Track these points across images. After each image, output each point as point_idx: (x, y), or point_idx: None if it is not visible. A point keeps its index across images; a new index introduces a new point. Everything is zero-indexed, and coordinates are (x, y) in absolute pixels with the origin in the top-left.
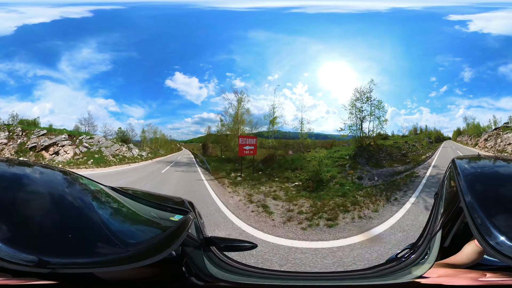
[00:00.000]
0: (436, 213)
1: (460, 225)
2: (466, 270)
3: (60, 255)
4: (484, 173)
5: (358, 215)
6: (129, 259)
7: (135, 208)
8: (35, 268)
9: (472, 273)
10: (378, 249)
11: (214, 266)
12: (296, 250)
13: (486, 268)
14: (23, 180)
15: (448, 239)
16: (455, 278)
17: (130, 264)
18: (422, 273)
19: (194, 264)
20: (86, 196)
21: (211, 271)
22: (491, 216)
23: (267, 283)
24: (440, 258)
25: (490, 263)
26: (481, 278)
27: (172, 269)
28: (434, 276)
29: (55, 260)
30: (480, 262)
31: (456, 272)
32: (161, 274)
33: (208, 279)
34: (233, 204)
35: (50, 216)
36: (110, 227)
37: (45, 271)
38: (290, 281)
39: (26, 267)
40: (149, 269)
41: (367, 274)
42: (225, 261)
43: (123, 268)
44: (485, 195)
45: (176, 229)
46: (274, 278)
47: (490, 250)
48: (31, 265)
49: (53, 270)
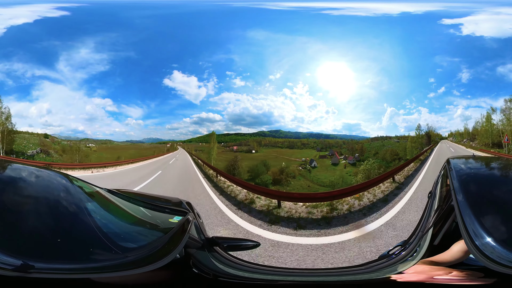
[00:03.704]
0: (429, 211)
1: (451, 224)
2: (437, 267)
3: (46, 260)
4: (477, 174)
5: None
6: (129, 265)
7: (133, 210)
8: (16, 273)
9: (443, 270)
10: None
11: (222, 265)
12: None
13: (469, 268)
14: (12, 181)
15: (439, 237)
16: (425, 274)
17: (130, 271)
18: (402, 270)
19: (203, 265)
20: (79, 198)
21: (222, 269)
22: (481, 216)
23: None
24: (428, 256)
25: (474, 263)
26: (440, 276)
27: (181, 271)
28: (410, 272)
29: (40, 265)
30: (464, 262)
31: (429, 269)
32: (170, 278)
33: (223, 276)
34: None
35: (38, 219)
36: (104, 231)
37: (27, 275)
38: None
39: (6, 270)
40: (159, 273)
41: (357, 270)
42: (232, 260)
43: (121, 274)
44: (477, 195)
45: (177, 231)
46: (267, 274)
47: (473, 249)
48: (11, 269)
49: (37, 275)
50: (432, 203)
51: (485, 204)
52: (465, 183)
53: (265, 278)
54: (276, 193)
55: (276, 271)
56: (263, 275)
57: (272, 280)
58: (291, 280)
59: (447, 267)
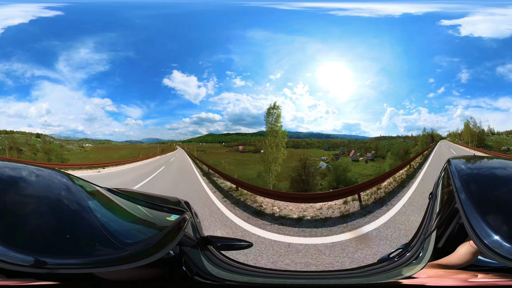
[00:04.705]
0: (430, 213)
1: (455, 226)
2: (458, 271)
3: (57, 256)
4: (479, 174)
5: None
6: (127, 259)
7: (131, 208)
8: (32, 269)
9: (463, 273)
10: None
11: (212, 265)
12: None
13: (480, 270)
14: (20, 181)
15: (442, 240)
16: (444, 278)
17: (128, 264)
18: (412, 273)
19: (193, 263)
20: (82, 197)
21: (210, 270)
22: (487, 216)
23: (262, 282)
24: (433, 259)
25: (485, 264)
26: (471, 279)
27: (172, 268)
28: (423, 276)
29: (52, 261)
30: (474, 264)
31: (447, 273)
32: (162, 274)
33: (209, 277)
34: None
35: (46, 217)
36: (107, 227)
37: (42, 271)
38: (287, 280)
39: (22, 267)
40: (148, 270)
41: (356, 274)
42: (223, 260)
43: (121, 268)
44: (481, 195)
45: (173, 229)
46: (268, 276)
47: (485, 249)
48: (27, 266)
49: (50, 271)
50: (434, 204)
51: (489, 204)
52: (467, 183)
53: (251, 280)
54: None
55: (264, 273)
56: (250, 277)
57: (257, 284)
58: (281, 284)
59: (458, 269)
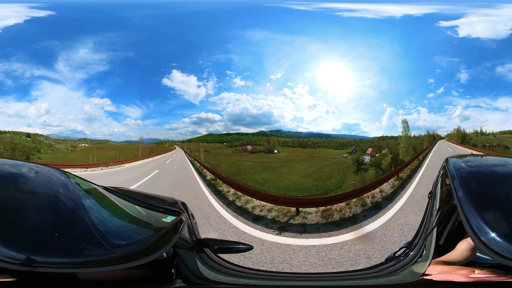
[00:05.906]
0: (430, 211)
1: (454, 223)
2: (460, 267)
3: (46, 254)
4: (477, 171)
5: None
6: (114, 260)
7: (128, 208)
8: (20, 266)
9: (464, 269)
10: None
11: (206, 268)
12: None
13: (478, 266)
14: (12, 177)
15: (443, 237)
16: (452, 275)
17: (114, 266)
18: (423, 271)
19: (185, 266)
20: (76, 195)
21: (203, 272)
22: (484, 213)
23: (261, 284)
24: (436, 256)
25: (483, 261)
26: (470, 274)
27: (161, 270)
28: (435, 273)
29: (41, 259)
30: (473, 260)
31: (451, 269)
32: (150, 276)
33: (198, 280)
34: None
35: (38, 214)
36: (98, 227)
37: (30, 269)
38: (288, 282)
39: (11, 264)
40: (138, 271)
41: (369, 274)
42: (218, 262)
43: (106, 269)
44: (478, 192)
45: (168, 230)
46: (269, 279)
47: (482, 246)
48: (17, 264)
49: (33, 269)
50: (433, 203)
51: (487, 201)
52: (465, 181)
53: (251, 284)
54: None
55: (260, 275)
56: (248, 279)
57: (253, 286)
58: (285, 285)
59: (460, 266)
